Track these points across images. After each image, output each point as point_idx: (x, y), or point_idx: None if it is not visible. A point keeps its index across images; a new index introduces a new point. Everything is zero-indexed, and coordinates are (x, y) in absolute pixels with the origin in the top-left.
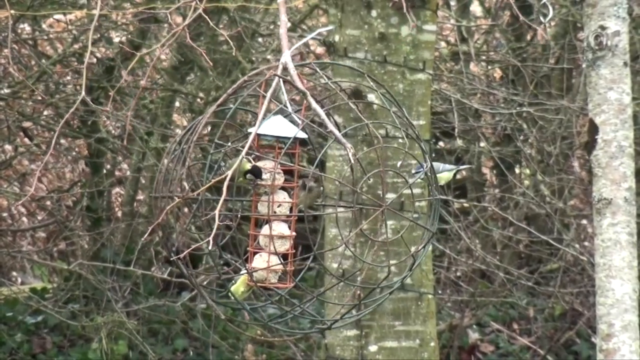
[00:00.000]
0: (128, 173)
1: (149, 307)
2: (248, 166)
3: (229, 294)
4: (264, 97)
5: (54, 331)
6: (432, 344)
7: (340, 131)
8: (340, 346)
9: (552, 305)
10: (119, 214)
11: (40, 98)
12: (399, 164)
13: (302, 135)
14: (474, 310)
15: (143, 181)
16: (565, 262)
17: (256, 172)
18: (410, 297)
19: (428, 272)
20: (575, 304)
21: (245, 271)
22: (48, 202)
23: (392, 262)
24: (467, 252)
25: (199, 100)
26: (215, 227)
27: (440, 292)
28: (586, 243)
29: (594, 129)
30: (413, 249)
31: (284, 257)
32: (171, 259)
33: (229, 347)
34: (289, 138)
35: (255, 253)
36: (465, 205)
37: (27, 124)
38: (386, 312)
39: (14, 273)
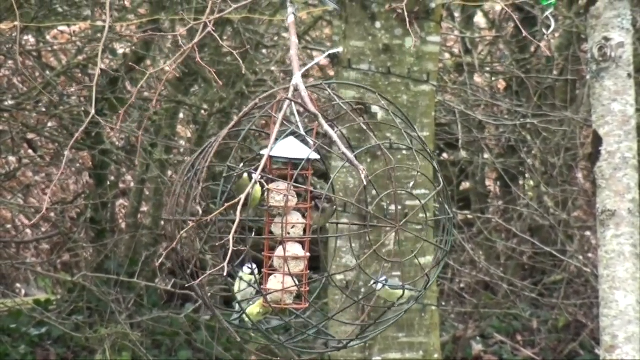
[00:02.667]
0: (132, 185)
1: (153, 319)
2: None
3: (241, 312)
4: (276, 119)
5: (58, 343)
6: (436, 355)
7: (345, 144)
8: (344, 358)
9: (555, 317)
10: (123, 225)
11: (44, 110)
12: (411, 184)
13: (315, 156)
14: (477, 321)
15: (147, 193)
16: (569, 273)
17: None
18: (414, 309)
19: (432, 284)
20: (578, 316)
21: (260, 293)
22: (52, 214)
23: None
24: (471, 263)
25: (203, 111)
26: (230, 251)
27: (443, 303)
28: (590, 254)
29: (597, 140)
30: (426, 266)
31: (299, 277)
32: (187, 285)
33: (232, 358)
34: (302, 160)
35: (269, 274)
36: (469, 216)
37: (31, 136)
38: None
39: (18, 285)
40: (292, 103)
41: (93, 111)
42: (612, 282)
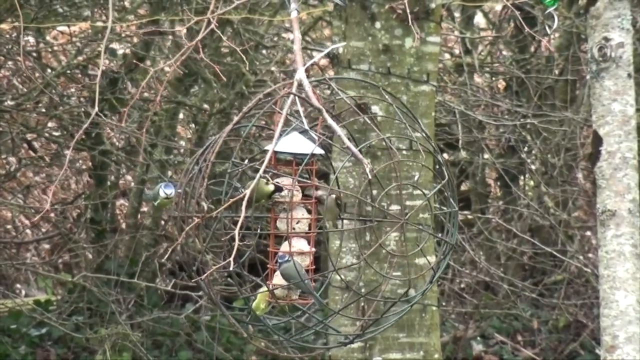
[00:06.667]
0: (132, 185)
1: (153, 319)
2: (270, 187)
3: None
4: (280, 114)
5: (58, 343)
6: (436, 355)
7: (349, 138)
8: (344, 358)
9: (556, 317)
10: (123, 225)
11: (44, 110)
12: (416, 177)
13: (319, 151)
14: (478, 322)
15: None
16: (569, 273)
17: (279, 191)
18: (414, 309)
19: (433, 284)
20: (579, 316)
21: (266, 288)
22: (52, 214)
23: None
24: (471, 263)
25: (203, 112)
26: (235, 246)
27: (444, 303)
28: (590, 255)
29: (597, 140)
30: (433, 261)
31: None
32: (193, 280)
33: (233, 359)
34: (306, 154)
35: (275, 270)
36: (469, 217)
37: (31, 136)
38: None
39: (18, 285)
40: (297, 98)
41: (96, 109)
42: (613, 282)
